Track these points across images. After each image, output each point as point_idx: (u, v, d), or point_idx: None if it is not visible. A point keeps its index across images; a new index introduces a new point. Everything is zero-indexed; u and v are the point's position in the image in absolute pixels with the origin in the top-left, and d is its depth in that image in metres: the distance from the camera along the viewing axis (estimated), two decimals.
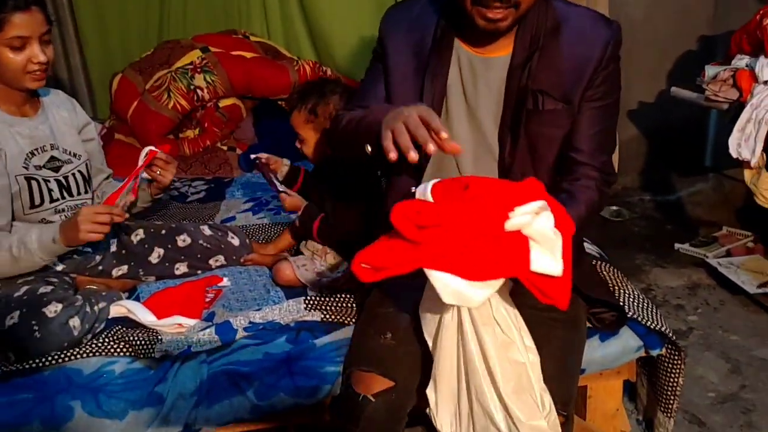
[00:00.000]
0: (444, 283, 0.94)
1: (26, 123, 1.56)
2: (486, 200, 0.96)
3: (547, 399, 1.13)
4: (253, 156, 1.91)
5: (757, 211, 2.61)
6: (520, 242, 0.95)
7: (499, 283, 0.97)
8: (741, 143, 2.23)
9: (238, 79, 2.90)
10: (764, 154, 2.22)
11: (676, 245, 2.92)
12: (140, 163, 1.65)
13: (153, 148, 1.67)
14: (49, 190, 1.56)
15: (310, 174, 1.88)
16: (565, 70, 1.23)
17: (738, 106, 2.30)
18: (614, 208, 3.36)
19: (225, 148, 2.93)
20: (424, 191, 1.02)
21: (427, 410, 1.19)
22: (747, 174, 2.30)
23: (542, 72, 1.22)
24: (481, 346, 1.07)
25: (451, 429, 1.17)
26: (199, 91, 2.84)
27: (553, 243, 0.95)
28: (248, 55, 2.99)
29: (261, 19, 3.30)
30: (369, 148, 1.17)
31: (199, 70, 2.87)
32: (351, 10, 3.18)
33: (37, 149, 1.55)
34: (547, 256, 0.95)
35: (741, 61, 2.40)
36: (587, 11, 1.29)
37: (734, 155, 2.27)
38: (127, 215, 1.60)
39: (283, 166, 1.86)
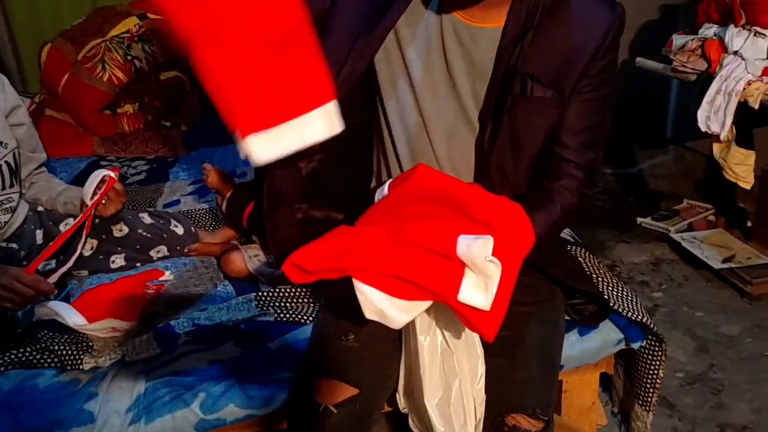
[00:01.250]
0: (368, 298, 0.90)
1: None
2: (435, 222, 0.93)
3: (480, 411, 1.08)
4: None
5: (717, 184, 2.58)
6: (454, 268, 0.89)
7: (424, 306, 0.93)
8: (710, 116, 2.16)
9: (180, 49, 2.69)
10: (733, 128, 2.16)
11: (639, 219, 2.89)
12: (90, 194, 1.53)
13: (111, 174, 1.56)
14: None
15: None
16: (559, 54, 1.09)
17: (707, 78, 2.23)
18: None
19: (168, 124, 2.73)
20: (382, 191, 1.02)
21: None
22: (716, 148, 2.23)
23: (534, 54, 1.09)
24: (417, 354, 1.05)
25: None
26: (136, 61, 2.62)
27: (490, 273, 0.88)
28: None
29: None
30: None
31: (136, 38, 2.65)
32: None
33: None
34: (478, 290, 0.89)
35: (709, 30, 2.32)
36: None
37: (703, 128, 2.20)
38: (55, 290, 1.42)
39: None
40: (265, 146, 0.78)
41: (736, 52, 2.13)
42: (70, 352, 1.21)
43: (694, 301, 2.36)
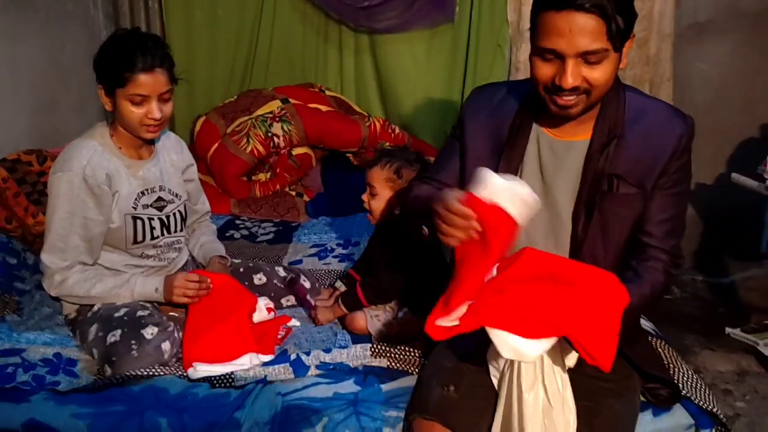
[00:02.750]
0: (502, 339, 1.09)
1: (141, 165, 1.72)
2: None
3: None
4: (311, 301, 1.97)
5: None
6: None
7: (552, 341, 1.11)
8: None
9: (312, 130, 3.08)
10: None
11: (727, 329, 2.90)
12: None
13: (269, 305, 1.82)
14: (152, 228, 1.72)
15: (372, 235, 2.00)
16: (641, 158, 1.30)
17: None
18: None
19: (293, 193, 3.08)
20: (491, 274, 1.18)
21: None
22: None
23: (619, 158, 1.31)
24: (521, 408, 1.21)
25: None
26: (275, 138, 3.02)
27: None
28: (324, 108, 3.17)
29: (336, 75, 3.50)
30: (426, 230, 1.29)
31: (277, 119, 3.05)
32: (420, 72, 3.35)
33: (146, 190, 1.72)
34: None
35: None
36: (663, 104, 1.38)
37: None
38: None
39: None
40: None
41: None
42: (219, 378, 1.51)
43: None
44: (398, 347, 1.61)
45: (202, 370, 1.52)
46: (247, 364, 1.54)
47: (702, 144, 3.40)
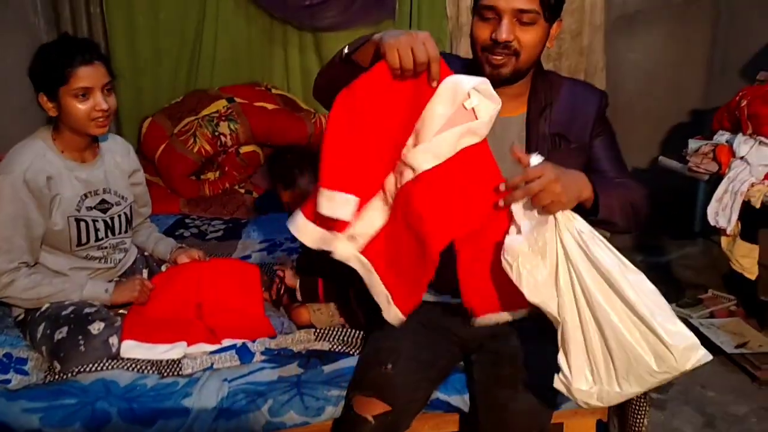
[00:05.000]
0: None
1: (84, 168, 1.76)
2: None
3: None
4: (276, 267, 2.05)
5: (741, 275, 2.77)
6: None
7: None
8: (718, 212, 2.42)
9: (259, 128, 3.13)
10: (739, 223, 2.41)
11: None
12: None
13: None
14: (96, 230, 1.76)
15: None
16: (572, 119, 1.49)
17: (717, 178, 2.51)
18: None
19: (242, 191, 3.14)
20: None
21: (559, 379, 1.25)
22: (724, 241, 2.48)
23: (555, 121, 1.48)
24: (598, 267, 1.16)
25: (590, 384, 1.21)
26: (222, 137, 3.07)
27: None
28: (269, 106, 3.22)
29: (282, 74, 3.55)
30: (346, 50, 1.33)
31: (224, 118, 3.09)
32: None
33: (90, 192, 1.75)
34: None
35: (722, 137, 2.62)
36: (580, 81, 1.63)
37: (712, 223, 2.47)
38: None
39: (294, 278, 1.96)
40: None
41: (742, 158, 2.42)
42: (168, 364, 1.56)
43: (707, 382, 2.51)
44: (340, 330, 1.69)
45: (129, 348, 1.59)
46: (171, 353, 1.60)
47: (635, 129, 3.64)
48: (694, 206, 3.73)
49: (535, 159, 1.24)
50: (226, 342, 1.64)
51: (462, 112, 1.23)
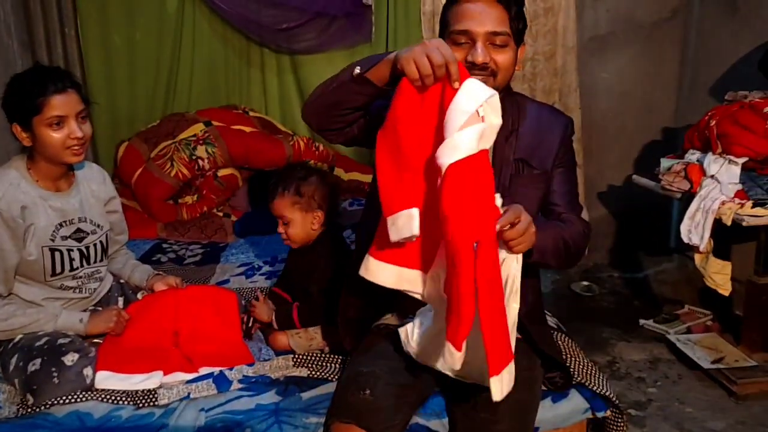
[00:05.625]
0: None
1: (59, 197, 1.74)
2: None
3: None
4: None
5: (716, 291, 2.82)
6: None
7: None
8: (691, 230, 2.47)
9: (237, 152, 3.13)
10: (711, 241, 2.45)
11: (641, 321, 3.09)
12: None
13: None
14: (71, 260, 1.74)
15: (290, 255, 2.06)
16: (537, 144, 1.53)
17: (689, 196, 2.56)
18: (585, 283, 3.56)
19: (221, 214, 3.12)
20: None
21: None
22: (697, 258, 2.53)
23: (520, 146, 1.52)
24: None
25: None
26: (200, 161, 3.06)
27: None
28: (247, 129, 3.23)
29: (260, 97, 3.56)
30: (357, 70, 1.33)
31: (201, 141, 3.09)
32: None
33: (65, 221, 1.73)
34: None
35: (693, 156, 2.67)
36: (546, 105, 1.64)
37: (685, 240, 2.51)
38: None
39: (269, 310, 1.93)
40: None
41: (713, 176, 2.47)
42: (143, 395, 1.54)
43: (685, 398, 2.55)
44: (318, 356, 1.69)
45: (103, 379, 1.57)
46: (146, 383, 1.58)
47: (609, 147, 3.70)
48: (669, 223, 3.79)
49: (498, 200, 1.27)
50: (204, 370, 1.63)
51: (476, 117, 1.22)
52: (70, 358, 1.55)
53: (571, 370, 1.59)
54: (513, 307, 1.26)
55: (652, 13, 3.58)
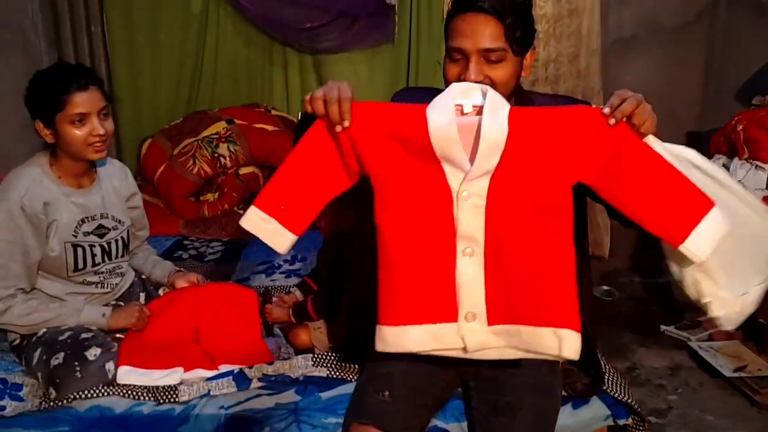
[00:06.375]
0: None
1: (81, 193, 1.76)
2: None
3: None
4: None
5: None
6: None
7: None
8: None
9: (258, 150, 3.14)
10: None
11: (662, 327, 3.06)
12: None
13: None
14: (93, 255, 1.76)
15: (320, 249, 2.06)
16: None
17: None
18: (605, 287, 3.53)
19: (241, 212, 3.10)
20: None
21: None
22: None
23: None
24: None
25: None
26: (222, 158, 3.08)
27: None
28: (269, 128, 3.24)
29: (282, 95, 3.57)
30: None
31: (223, 139, 3.11)
32: (364, 90, 3.44)
33: (87, 217, 1.75)
34: None
35: (719, 161, 2.63)
36: (568, 99, 1.56)
37: None
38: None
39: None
40: None
41: (739, 182, 2.42)
42: (164, 390, 1.56)
43: (705, 406, 2.51)
44: (338, 355, 1.69)
45: (124, 374, 1.58)
46: (167, 379, 1.59)
47: None
48: None
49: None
50: (224, 368, 1.64)
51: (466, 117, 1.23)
52: (92, 353, 1.56)
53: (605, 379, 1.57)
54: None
55: (677, 16, 3.53)
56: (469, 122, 1.22)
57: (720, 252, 1.20)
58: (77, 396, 1.52)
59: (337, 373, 1.63)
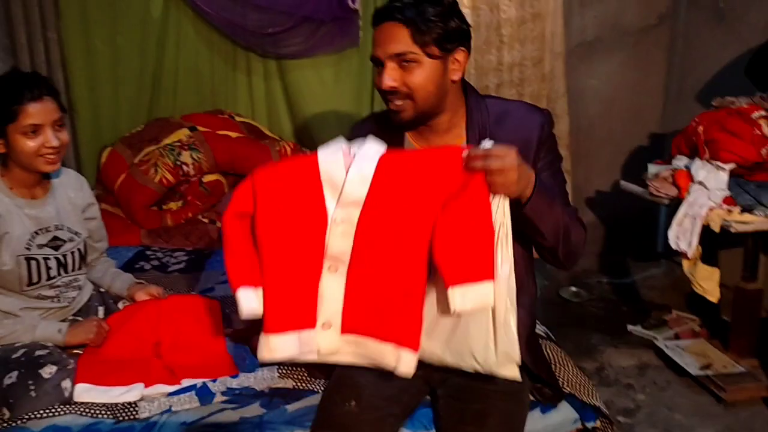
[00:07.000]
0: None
1: (34, 205, 1.71)
2: None
3: None
4: None
5: (704, 296, 2.82)
6: None
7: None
8: (679, 236, 2.46)
9: (222, 157, 3.09)
10: (699, 247, 2.45)
11: (629, 327, 3.10)
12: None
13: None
14: (48, 268, 1.70)
15: None
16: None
17: (677, 202, 2.55)
18: (573, 289, 3.56)
19: (206, 221, 3.06)
20: None
21: None
22: (685, 264, 2.52)
23: None
24: None
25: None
26: (184, 166, 3.02)
27: None
28: (233, 134, 3.19)
29: (246, 102, 3.52)
30: None
31: (186, 147, 3.04)
32: (329, 95, 3.44)
33: (41, 229, 1.70)
34: None
35: (680, 162, 2.67)
36: (521, 103, 1.56)
37: (673, 247, 2.50)
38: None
39: None
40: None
41: (700, 182, 2.46)
42: (123, 408, 1.50)
43: (673, 404, 2.55)
44: (304, 366, 1.65)
45: (82, 392, 1.53)
46: (127, 395, 1.54)
47: (597, 152, 3.70)
48: (657, 228, 3.81)
49: (488, 143, 1.27)
50: (186, 382, 1.59)
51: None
52: (48, 371, 1.51)
53: (561, 381, 1.57)
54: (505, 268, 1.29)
55: (639, 19, 3.59)
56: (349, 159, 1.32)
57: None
58: (32, 416, 1.46)
59: (304, 385, 1.59)
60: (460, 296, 1.24)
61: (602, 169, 3.73)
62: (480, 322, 1.32)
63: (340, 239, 1.31)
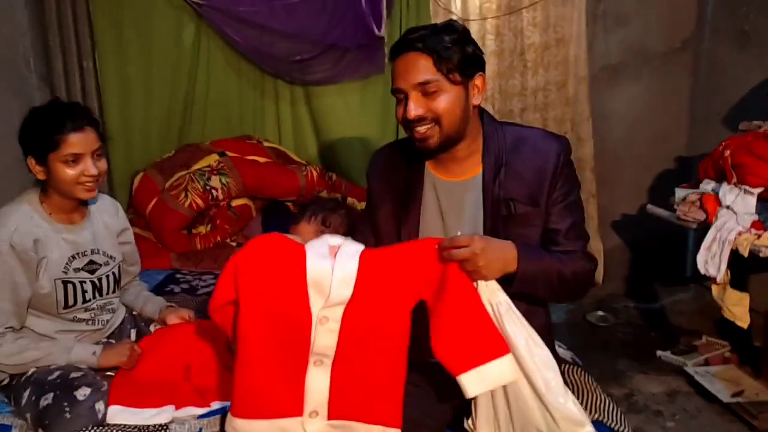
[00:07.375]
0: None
1: (72, 230, 1.75)
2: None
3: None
4: None
5: (734, 322, 2.77)
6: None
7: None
8: (708, 261, 2.44)
9: (250, 182, 3.14)
10: (728, 272, 2.42)
11: (658, 352, 3.05)
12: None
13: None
14: (83, 291, 1.74)
15: None
16: (528, 179, 1.47)
17: (705, 226, 2.54)
18: (600, 313, 3.52)
19: (234, 244, 3.12)
20: None
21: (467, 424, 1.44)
22: (714, 289, 2.49)
23: (509, 183, 1.47)
24: (508, 339, 1.31)
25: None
26: (214, 191, 3.07)
27: None
28: (261, 159, 3.25)
29: (274, 127, 3.58)
30: None
31: (215, 172, 3.11)
32: (355, 121, 3.48)
33: (78, 254, 1.74)
34: None
35: (708, 186, 2.65)
36: (538, 130, 1.59)
37: (702, 272, 2.48)
38: None
39: None
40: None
41: (728, 207, 2.45)
42: (154, 428, 1.53)
43: None
44: None
45: (115, 414, 1.56)
46: (158, 417, 1.57)
47: (622, 175, 3.69)
48: (685, 252, 3.75)
49: (459, 233, 1.34)
50: (216, 404, 1.61)
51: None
52: (82, 393, 1.54)
53: (587, 407, 1.55)
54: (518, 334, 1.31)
55: (663, 43, 3.60)
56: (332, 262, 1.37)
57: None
58: None
59: None
60: (477, 379, 1.26)
61: (628, 193, 3.72)
62: (525, 398, 1.33)
63: (325, 336, 1.35)
